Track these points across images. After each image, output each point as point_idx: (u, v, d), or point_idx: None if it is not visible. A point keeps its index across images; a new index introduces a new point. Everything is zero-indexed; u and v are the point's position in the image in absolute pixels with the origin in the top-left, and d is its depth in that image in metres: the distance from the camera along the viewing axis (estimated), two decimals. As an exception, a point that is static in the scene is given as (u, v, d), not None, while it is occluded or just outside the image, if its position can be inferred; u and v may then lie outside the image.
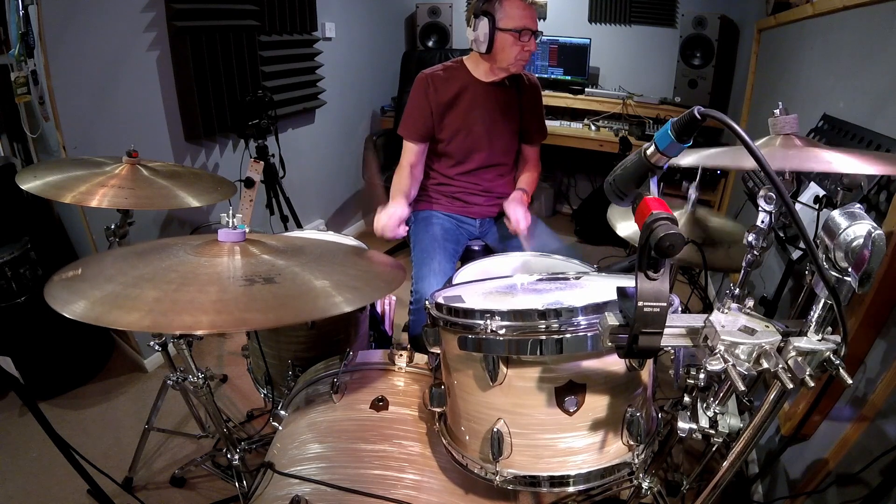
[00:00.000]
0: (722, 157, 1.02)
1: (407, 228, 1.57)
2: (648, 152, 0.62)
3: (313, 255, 1.01)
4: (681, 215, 1.55)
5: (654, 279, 0.59)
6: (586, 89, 3.38)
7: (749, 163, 0.82)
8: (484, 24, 1.54)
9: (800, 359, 0.63)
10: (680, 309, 0.80)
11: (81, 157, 1.54)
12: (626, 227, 1.55)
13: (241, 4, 2.31)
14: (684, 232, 0.60)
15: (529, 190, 1.77)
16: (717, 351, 0.64)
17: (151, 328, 0.73)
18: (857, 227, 0.59)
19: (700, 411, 0.87)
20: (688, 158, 0.96)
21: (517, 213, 1.60)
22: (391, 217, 1.54)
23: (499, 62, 1.61)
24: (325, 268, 0.96)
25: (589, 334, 0.78)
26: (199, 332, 0.71)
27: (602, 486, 0.92)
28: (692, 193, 1.52)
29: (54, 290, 0.78)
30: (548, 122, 1.91)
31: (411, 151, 1.74)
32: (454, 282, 1.22)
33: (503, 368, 0.83)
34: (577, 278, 1.10)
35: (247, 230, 0.99)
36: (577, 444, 0.84)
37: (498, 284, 1.08)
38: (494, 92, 1.71)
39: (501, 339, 0.81)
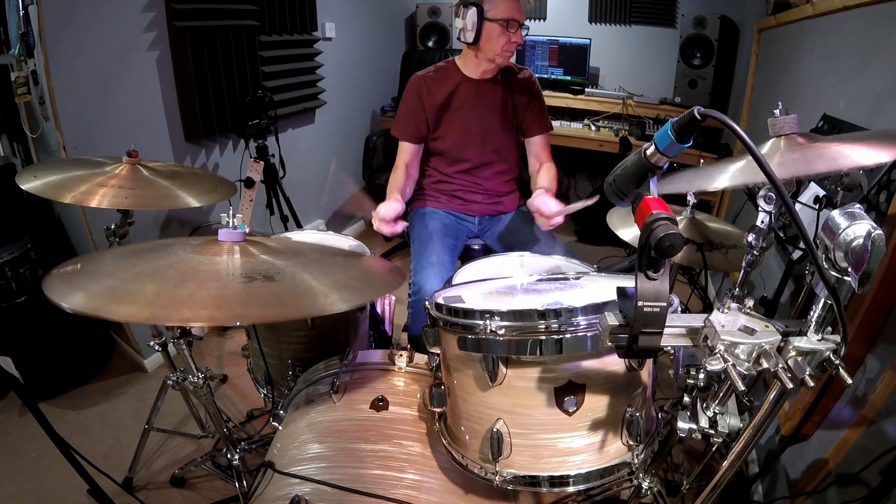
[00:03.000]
0: (736, 175, 0.92)
1: (405, 224, 1.54)
2: (648, 152, 0.62)
3: (312, 257, 1.01)
4: (680, 220, 1.55)
5: (654, 279, 0.59)
6: (586, 89, 3.38)
7: (759, 177, 0.79)
8: (472, 13, 1.56)
9: (800, 359, 0.63)
10: (680, 309, 0.80)
11: (81, 157, 1.54)
12: (626, 232, 1.55)
13: (241, 4, 2.31)
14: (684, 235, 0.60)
15: (552, 188, 1.69)
16: (717, 351, 0.64)
17: (150, 320, 0.73)
18: (856, 227, 0.59)
19: (700, 411, 0.87)
20: (717, 182, 0.90)
21: (548, 204, 1.48)
22: (386, 213, 1.52)
23: (485, 52, 1.62)
24: (323, 268, 0.96)
25: (589, 334, 0.78)
26: (197, 326, 0.71)
27: (602, 486, 0.92)
28: (691, 197, 1.52)
29: (53, 283, 0.78)
30: (548, 122, 1.90)
31: (406, 151, 1.76)
32: (454, 282, 1.22)
33: (503, 368, 0.83)
34: (577, 278, 1.10)
35: (247, 230, 0.99)
36: (576, 444, 0.84)
37: (498, 285, 1.08)
38: (486, 89, 1.72)
39: (501, 339, 0.81)
